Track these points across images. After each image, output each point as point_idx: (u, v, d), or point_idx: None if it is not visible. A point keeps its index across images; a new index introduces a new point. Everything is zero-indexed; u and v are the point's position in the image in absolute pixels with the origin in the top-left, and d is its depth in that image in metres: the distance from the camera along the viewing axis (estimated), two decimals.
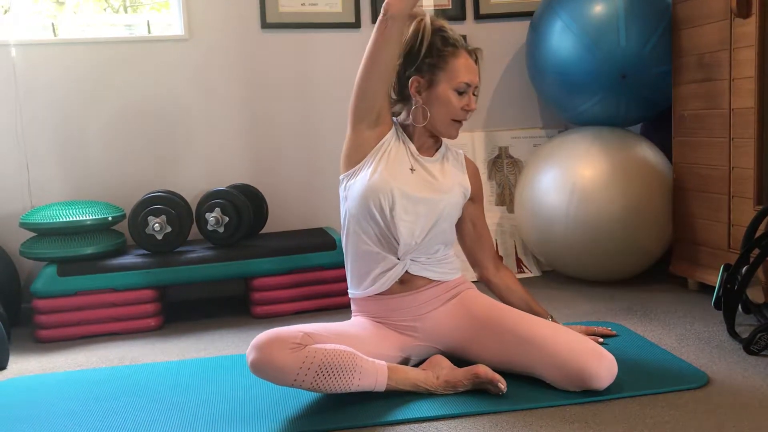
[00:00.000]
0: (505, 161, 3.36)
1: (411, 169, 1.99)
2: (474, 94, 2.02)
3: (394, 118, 2.06)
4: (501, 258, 3.23)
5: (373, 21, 3.19)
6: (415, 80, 1.99)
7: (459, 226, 2.14)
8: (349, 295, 2.09)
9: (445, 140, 2.12)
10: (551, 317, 2.13)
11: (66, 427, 1.79)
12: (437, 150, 2.08)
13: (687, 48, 2.71)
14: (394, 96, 2.05)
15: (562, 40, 2.91)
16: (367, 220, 1.96)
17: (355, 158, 1.98)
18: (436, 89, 1.99)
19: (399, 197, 1.93)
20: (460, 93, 1.99)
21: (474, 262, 2.19)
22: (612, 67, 2.83)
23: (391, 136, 2.00)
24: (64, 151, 3.00)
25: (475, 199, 2.14)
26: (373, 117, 1.96)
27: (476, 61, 2.03)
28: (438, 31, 1.99)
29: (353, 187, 1.97)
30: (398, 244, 1.95)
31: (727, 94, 2.50)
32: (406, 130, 2.05)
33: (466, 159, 2.15)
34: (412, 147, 2.02)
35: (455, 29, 2.04)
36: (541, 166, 2.99)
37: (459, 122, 2.02)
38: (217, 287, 3.15)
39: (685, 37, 2.72)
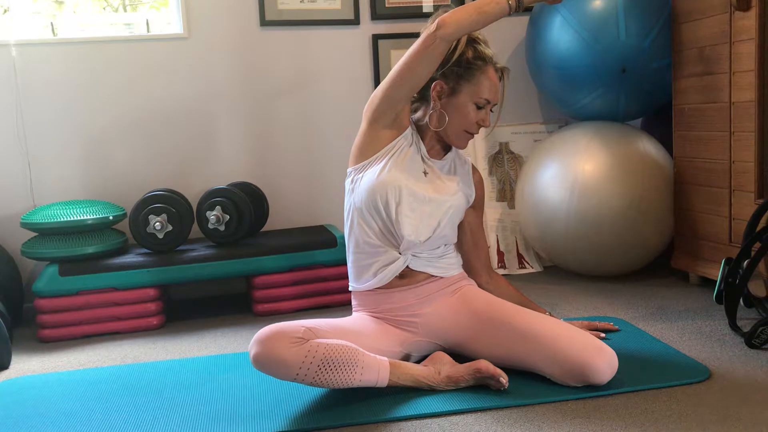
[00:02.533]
0: (505, 157, 3.36)
1: (424, 173, 2.02)
2: (491, 111, 2.04)
3: (412, 116, 2.08)
4: (503, 254, 3.23)
5: (372, 17, 3.20)
6: (439, 84, 2.01)
7: (457, 231, 2.15)
8: (350, 289, 2.10)
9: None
10: (549, 314, 2.13)
11: (68, 426, 1.80)
12: (446, 154, 2.11)
13: (687, 41, 2.70)
14: (414, 94, 2.06)
15: (561, 34, 2.90)
16: (371, 214, 1.97)
17: (367, 153, 2.00)
18: (457, 98, 2.01)
19: (407, 195, 1.95)
20: (479, 107, 2.01)
21: (468, 269, 2.20)
22: (612, 61, 2.82)
23: (404, 137, 2.02)
24: (63, 150, 3.00)
25: (476, 207, 2.18)
26: (391, 118, 1.98)
27: (501, 79, 2.05)
28: (472, 42, 2.00)
29: (361, 180, 1.99)
30: (401, 240, 1.96)
31: (727, 87, 2.50)
32: (420, 129, 2.07)
33: (473, 167, 2.18)
34: (423, 148, 2.04)
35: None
36: (541, 162, 2.98)
37: (470, 135, 2.05)
38: (218, 285, 3.15)
39: (685, 30, 2.71)
